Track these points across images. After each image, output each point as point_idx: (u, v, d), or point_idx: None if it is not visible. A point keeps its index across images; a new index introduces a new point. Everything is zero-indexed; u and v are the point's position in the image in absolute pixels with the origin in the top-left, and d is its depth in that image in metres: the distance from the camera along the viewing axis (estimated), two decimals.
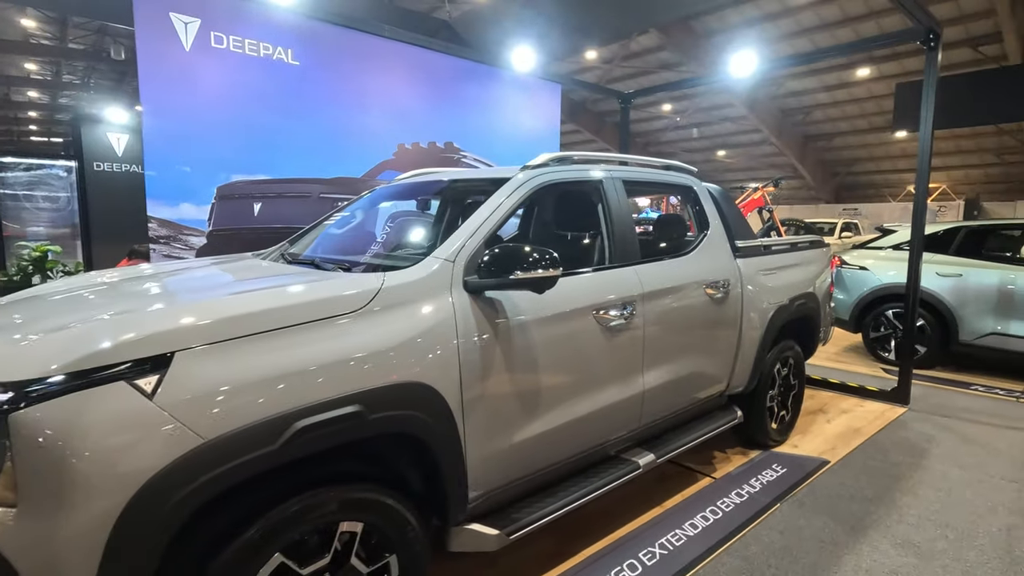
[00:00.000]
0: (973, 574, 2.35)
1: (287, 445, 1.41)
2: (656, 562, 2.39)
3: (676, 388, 2.78)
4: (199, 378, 1.34)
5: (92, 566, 1.20)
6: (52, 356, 1.25)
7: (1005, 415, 4.34)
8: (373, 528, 1.65)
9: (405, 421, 1.67)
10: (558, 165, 2.47)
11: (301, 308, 1.56)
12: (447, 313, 1.83)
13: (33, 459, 1.17)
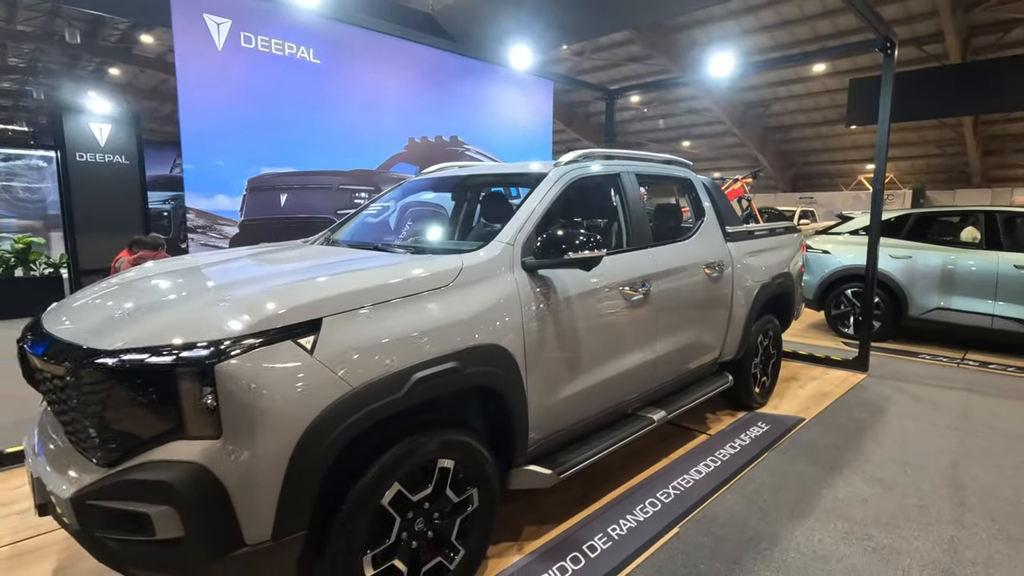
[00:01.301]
0: (927, 498, 2.87)
1: (408, 393, 1.75)
2: (671, 500, 2.82)
3: (681, 355, 3.21)
4: (343, 338, 1.66)
5: (276, 485, 1.52)
6: (238, 320, 1.55)
7: (948, 378, 4.99)
8: (461, 465, 1.99)
9: (488, 376, 2.02)
10: (585, 161, 2.84)
11: (409, 283, 1.89)
12: (512, 288, 2.18)
13: (232, 402, 1.48)
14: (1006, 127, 18.68)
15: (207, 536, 1.47)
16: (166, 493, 1.44)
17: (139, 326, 1.60)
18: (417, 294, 1.89)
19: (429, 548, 1.94)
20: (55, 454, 1.75)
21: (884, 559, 2.36)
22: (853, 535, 2.54)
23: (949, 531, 2.58)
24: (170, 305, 1.74)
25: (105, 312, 1.80)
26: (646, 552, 2.38)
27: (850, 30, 14.76)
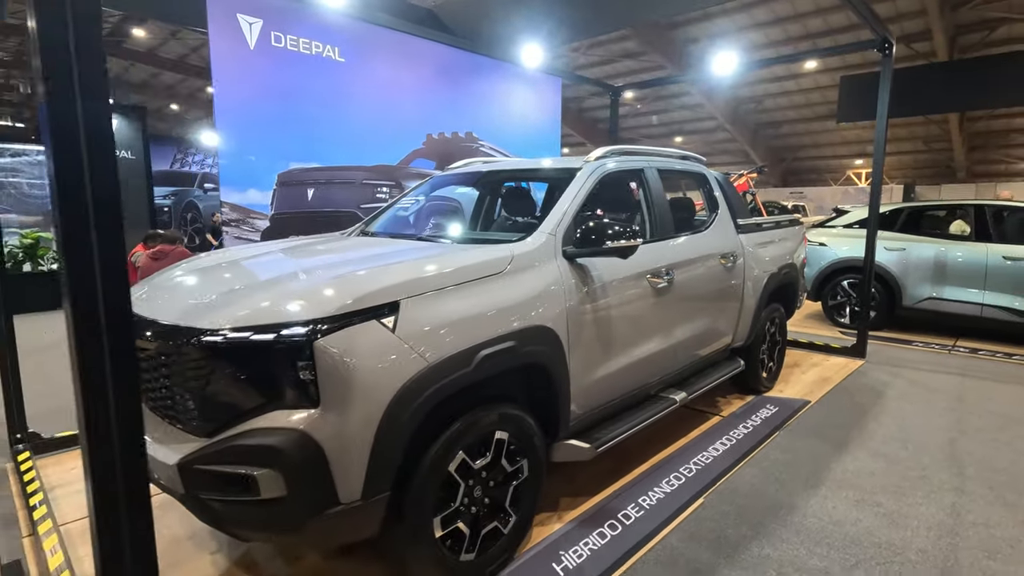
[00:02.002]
0: (928, 470, 3.10)
1: (476, 369, 1.92)
2: (694, 474, 3.01)
3: (699, 340, 3.41)
4: (420, 319, 1.82)
5: (367, 449, 1.68)
6: (331, 301, 1.71)
7: (941, 363, 5.25)
8: (514, 437, 2.17)
9: (539, 354, 2.19)
10: (613, 157, 3.02)
11: (470, 269, 2.06)
12: (556, 274, 2.35)
13: (328, 374, 1.64)
14: (990, 123, 19.14)
15: (307, 495, 1.63)
16: (272, 457, 1.60)
17: (238, 307, 1.75)
18: (478, 279, 2.06)
19: (486, 513, 2.12)
20: (153, 426, 1.90)
21: (894, 522, 2.58)
22: (864, 502, 2.75)
23: (951, 498, 2.81)
24: (262, 288, 1.89)
25: (193, 296, 1.95)
26: (677, 519, 2.58)
27: (841, 28, 15.05)
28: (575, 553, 2.31)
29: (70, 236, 0.92)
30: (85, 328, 0.95)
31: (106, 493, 0.98)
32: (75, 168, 0.91)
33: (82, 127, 0.91)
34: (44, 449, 3.12)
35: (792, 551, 2.36)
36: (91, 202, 0.93)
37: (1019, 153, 20.49)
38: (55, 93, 0.89)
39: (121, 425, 0.98)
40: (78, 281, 0.94)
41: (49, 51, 0.88)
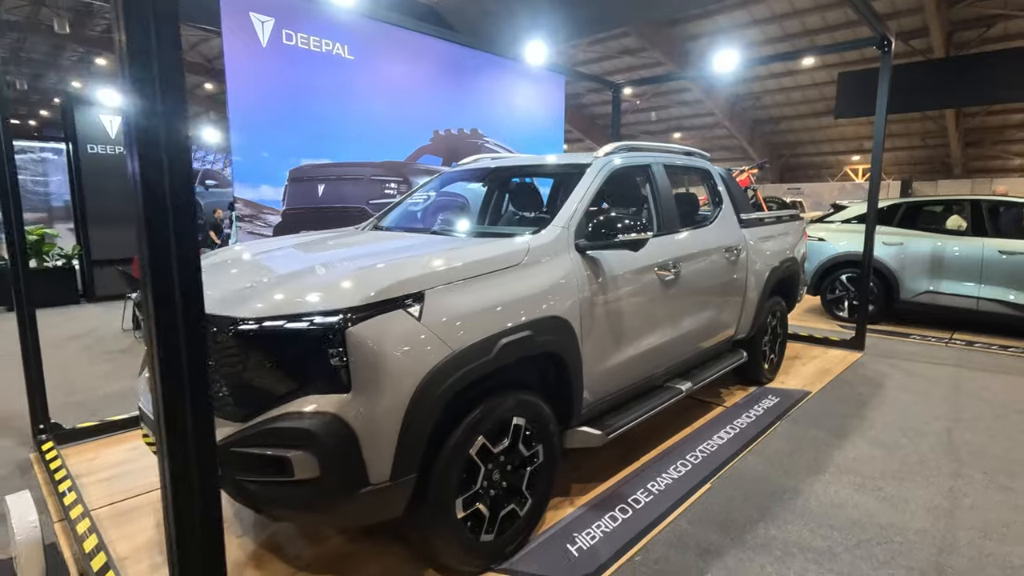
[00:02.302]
0: (926, 457, 3.20)
1: (495, 357, 2.00)
2: (700, 461, 3.11)
3: (704, 331, 3.50)
4: (443, 308, 1.90)
5: (395, 432, 1.76)
6: (361, 292, 1.78)
7: (937, 355, 5.35)
8: (530, 424, 2.25)
9: (554, 343, 2.27)
10: (622, 153, 3.10)
11: (489, 261, 2.14)
12: (570, 266, 2.43)
13: (360, 360, 1.72)
14: (986, 120, 19.26)
15: (340, 476, 1.71)
16: (306, 439, 1.68)
17: (273, 297, 1.82)
18: (496, 271, 2.14)
19: (504, 496, 2.20)
20: None
21: (894, 505, 2.68)
22: (865, 487, 2.85)
23: (948, 482, 2.91)
24: (293, 279, 1.96)
25: (225, 285, 2.02)
26: (685, 503, 2.67)
27: (838, 24, 15.13)
28: (588, 535, 2.40)
29: (152, 235, 1.00)
30: (163, 317, 1.02)
31: (182, 478, 1.05)
32: (156, 174, 0.99)
33: (163, 139, 0.99)
34: (67, 439, 3.19)
35: (797, 532, 2.45)
36: (171, 207, 1.01)
37: (1015, 149, 20.63)
38: (141, 105, 0.97)
39: (196, 414, 1.06)
40: (158, 275, 1.01)
41: (136, 67, 0.96)
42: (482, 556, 2.13)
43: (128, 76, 0.97)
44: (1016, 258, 5.75)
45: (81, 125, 7.88)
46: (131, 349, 5.58)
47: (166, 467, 1.04)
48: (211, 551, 1.10)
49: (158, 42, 0.97)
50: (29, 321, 3.03)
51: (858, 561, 2.25)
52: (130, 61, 0.96)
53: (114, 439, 3.33)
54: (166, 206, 1.02)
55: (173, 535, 1.06)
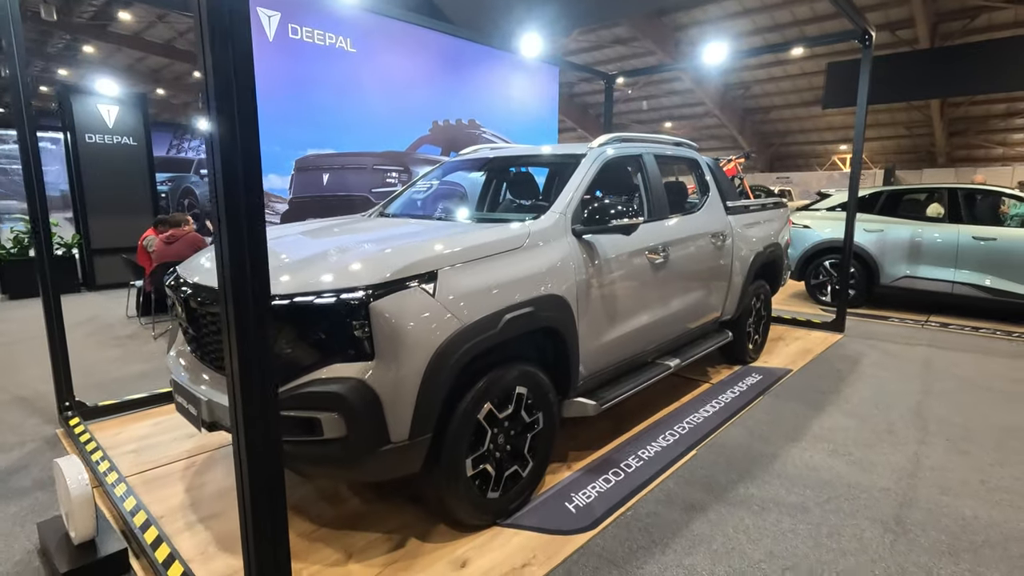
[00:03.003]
0: (895, 426, 3.46)
1: (501, 330, 2.20)
2: (687, 432, 3.35)
3: (692, 312, 3.72)
4: (454, 286, 2.10)
5: (414, 396, 1.97)
6: (381, 270, 1.98)
7: (913, 337, 5.63)
8: (531, 393, 2.46)
9: (553, 319, 2.48)
10: (615, 144, 3.30)
11: (494, 244, 2.34)
12: (567, 249, 2.64)
13: (382, 331, 1.92)
14: (969, 110, 19.60)
15: (364, 435, 1.92)
16: (335, 402, 1.88)
17: (302, 275, 2.01)
18: (501, 253, 2.34)
19: (508, 458, 2.42)
20: (217, 382, 2.17)
21: (863, 468, 2.93)
22: (837, 452, 3.10)
23: (913, 448, 3.17)
24: (318, 259, 2.15)
25: None
26: (672, 467, 2.91)
27: (827, 15, 15.32)
28: (584, 495, 2.63)
29: (231, 231, 1.18)
30: (239, 305, 1.21)
31: (257, 451, 1.25)
32: (233, 178, 1.17)
33: (239, 146, 1.18)
34: (91, 416, 3.37)
35: (773, 491, 2.70)
36: (244, 206, 1.19)
37: (997, 139, 21.02)
38: (221, 121, 1.16)
39: (264, 382, 1.25)
40: (236, 269, 1.20)
41: (219, 89, 1.14)
42: (489, 512, 2.35)
43: (213, 109, 1.16)
44: (989, 244, 6.03)
45: (79, 115, 7.93)
46: (137, 335, 5.73)
47: (240, 428, 1.24)
48: (275, 498, 1.30)
49: (236, 80, 1.16)
50: (55, 304, 3.19)
51: (827, 514, 2.50)
52: (216, 101, 1.14)
53: (136, 416, 3.52)
54: (240, 208, 1.20)
55: (246, 483, 1.26)
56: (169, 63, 22.16)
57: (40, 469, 2.89)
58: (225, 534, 2.31)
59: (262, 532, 1.30)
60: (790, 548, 2.26)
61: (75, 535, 2.04)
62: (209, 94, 1.17)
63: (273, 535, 1.32)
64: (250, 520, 1.29)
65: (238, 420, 1.24)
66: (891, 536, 2.34)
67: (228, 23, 1.15)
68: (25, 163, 3.08)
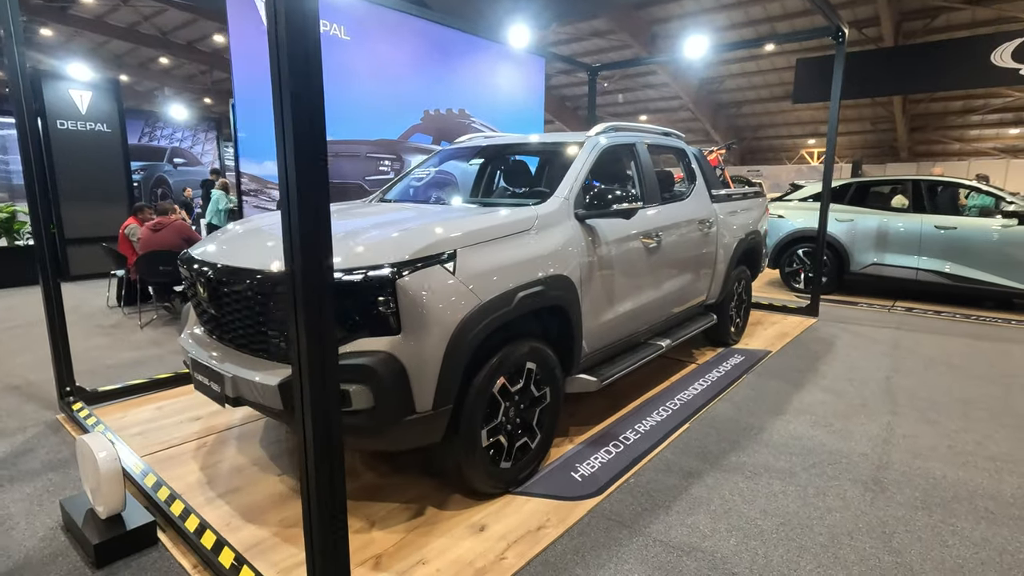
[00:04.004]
0: (868, 400, 3.71)
1: (515, 307, 2.32)
2: (678, 407, 3.53)
3: (681, 295, 3.90)
4: (472, 265, 2.21)
5: (437, 368, 2.07)
6: (406, 249, 2.07)
7: (881, 320, 5.96)
8: (539, 368, 2.59)
9: (560, 298, 2.61)
10: (611, 132, 3.43)
11: (506, 226, 2.45)
12: (571, 232, 2.77)
13: (407, 307, 2.01)
14: (930, 106, 20.41)
15: (391, 406, 2.02)
16: (364, 374, 1.97)
17: None
18: (513, 235, 2.46)
19: (519, 430, 2.55)
20: (238, 359, 2.24)
21: (841, 436, 3.15)
22: (818, 423, 3.32)
23: (886, 419, 3.41)
24: (343, 240, 2.22)
25: (277, 248, 2.27)
26: (668, 439, 3.08)
27: (797, 12, 15.73)
28: (588, 465, 2.78)
29: (303, 223, 1.27)
30: (308, 281, 1.30)
31: (322, 431, 1.34)
32: (305, 159, 1.26)
33: (311, 128, 1.27)
34: (92, 401, 3.37)
35: (762, 458, 2.89)
36: (314, 186, 1.28)
37: (954, 134, 21.95)
38: (299, 114, 1.24)
39: (327, 357, 1.34)
40: (307, 246, 1.28)
41: (295, 68, 1.23)
42: (502, 480, 2.48)
43: (284, 115, 1.24)
44: (949, 232, 6.40)
45: (50, 100, 7.70)
46: (122, 324, 5.65)
47: (306, 402, 1.33)
48: (333, 464, 1.40)
49: (308, 65, 1.25)
50: (55, 290, 3.17)
51: (813, 477, 2.70)
52: (293, 104, 1.23)
53: (137, 400, 3.53)
54: (312, 201, 1.29)
55: (311, 451, 1.35)
56: (133, 48, 21.44)
57: (47, 452, 2.89)
58: (246, 507, 2.38)
59: (323, 498, 1.40)
60: (782, 507, 2.45)
61: (103, 509, 2.09)
62: (282, 79, 1.24)
63: (332, 500, 1.42)
64: (313, 488, 1.38)
65: (304, 392, 1.34)
66: (871, 494, 2.55)
67: (302, 17, 1.23)
68: (24, 152, 3.05)
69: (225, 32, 15.70)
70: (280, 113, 1.29)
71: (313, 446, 1.36)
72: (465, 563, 2.04)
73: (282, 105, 1.27)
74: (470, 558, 2.07)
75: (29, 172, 3.08)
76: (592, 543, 2.19)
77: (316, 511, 1.40)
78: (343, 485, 1.43)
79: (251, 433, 3.11)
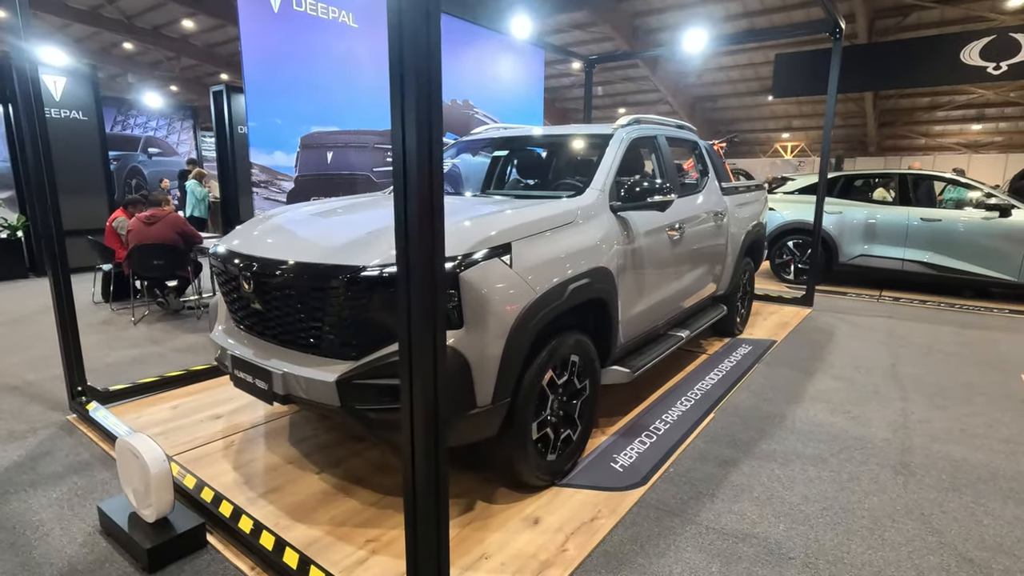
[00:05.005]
0: (879, 387, 3.83)
1: (566, 300, 2.32)
2: (700, 397, 3.58)
3: (697, 286, 3.95)
4: (527, 258, 2.19)
5: (497, 362, 2.05)
6: (466, 241, 2.04)
7: (872, 309, 6.16)
8: (582, 360, 2.59)
9: (602, 290, 2.61)
10: (635, 125, 3.44)
11: (553, 219, 2.44)
12: (609, 225, 2.77)
13: (470, 299, 1.98)
14: (899, 102, 21.08)
15: (454, 400, 1.99)
16: None
17: (381, 248, 2.04)
18: (560, 227, 2.45)
19: (562, 422, 2.55)
20: (286, 355, 2.18)
21: (861, 423, 3.25)
22: (836, 411, 3.42)
23: (899, 405, 3.53)
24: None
25: (321, 240, 2.21)
26: (697, 429, 3.13)
27: (775, 7, 16.01)
28: (625, 455, 2.81)
29: (421, 213, 1.24)
30: (425, 274, 1.27)
31: (429, 425, 1.32)
32: (424, 153, 1.22)
33: (430, 122, 1.23)
34: (104, 401, 3.24)
35: (791, 445, 2.96)
36: (429, 179, 1.25)
37: (921, 130, 22.74)
38: (417, 105, 1.20)
39: (437, 347, 1.32)
40: (423, 239, 1.25)
41: (413, 61, 1.19)
42: (548, 473, 2.48)
43: (404, 100, 1.21)
44: (934, 224, 6.64)
45: None
46: (113, 321, 5.44)
47: (412, 394, 1.31)
48: (436, 459, 1.38)
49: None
50: (65, 286, 3.03)
51: (844, 463, 2.78)
52: (416, 105, 1.20)
53: (150, 400, 3.40)
54: (431, 192, 1.26)
55: (417, 446, 1.33)
56: (95, 32, 20.55)
57: (66, 454, 2.77)
58: (292, 506, 2.32)
59: (428, 499, 1.38)
60: (820, 492, 2.52)
61: (150, 512, 2.02)
62: (404, 71, 1.21)
63: (436, 504, 1.40)
64: (421, 488, 1.36)
65: (413, 387, 1.31)
66: (902, 478, 2.64)
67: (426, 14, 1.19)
68: (15, 142, 2.90)
69: (194, 17, 15.10)
70: (400, 97, 1.24)
71: (423, 445, 1.33)
72: (528, 556, 2.04)
73: (403, 88, 1.23)
74: (532, 551, 2.07)
75: (26, 162, 2.93)
76: (647, 532, 2.21)
77: (421, 513, 1.38)
78: (447, 486, 1.41)
79: (278, 430, 3.03)
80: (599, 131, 3.35)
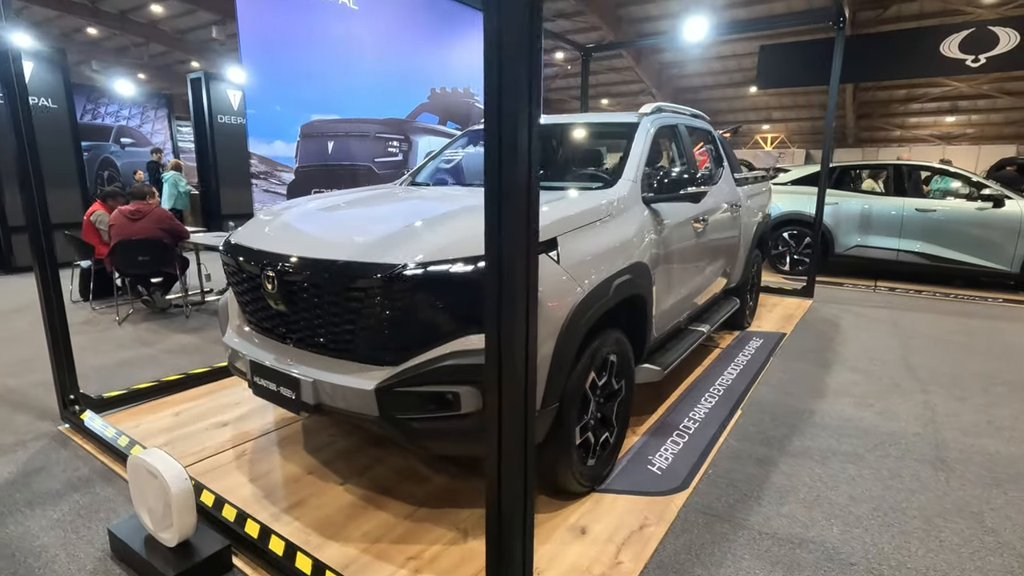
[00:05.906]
0: (897, 379, 3.81)
1: (611, 297, 2.19)
2: (723, 393, 3.51)
3: (714, 279, 3.87)
4: (572, 253, 2.05)
5: (546, 366, 1.91)
6: None
7: (870, 300, 6.19)
8: (618, 360, 2.47)
9: (640, 286, 2.49)
10: (658, 114, 3.31)
11: (593, 211, 2.30)
12: (643, 217, 2.65)
13: None
14: (876, 94, 21.44)
15: None
16: (475, 375, 1.79)
17: (422, 244, 1.88)
18: (599, 220, 2.31)
19: (601, 425, 2.43)
20: (315, 361, 2.01)
21: (888, 417, 3.21)
22: (861, 405, 3.38)
23: (921, 397, 3.51)
24: (432, 227, 2.01)
25: (351, 235, 2.04)
26: (727, 427, 3.05)
27: (812, 10, 16.04)
28: (660, 457, 2.71)
29: (512, 204, 1.09)
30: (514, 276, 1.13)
31: (513, 403, 1.19)
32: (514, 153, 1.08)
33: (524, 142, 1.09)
34: (99, 409, 3.01)
35: (824, 442, 2.90)
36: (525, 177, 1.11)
37: (896, 122, 23.19)
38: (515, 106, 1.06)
39: (528, 344, 1.19)
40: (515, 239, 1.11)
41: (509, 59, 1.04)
42: (589, 478, 2.36)
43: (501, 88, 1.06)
44: (928, 215, 6.70)
45: None
46: (95, 321, 5.15)
47: (499, 393, 1.17)
48: (524, 461, 1.25)
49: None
50: (54, 286, 2.80)
51: (881, 459, 2.73)
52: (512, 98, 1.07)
53: (149, 406, 3.19)
54: (516, 178, 1.11)
55: (506, 458, 1.19)
56: (58, 15, 19.58)
57: (63, 469, 2.55)
58: (320, 522, 2.16)
59: (512, 504, 1.25)
60: (866, 491, 2.45)
61: (170, 536, 1.84)
62: (502, 72, 1.06)
63: (524, 516, 1.27)
64: (504, 495, 1.24)
65: (502, 396, 1.18)
66: (943, 474, 2.60)
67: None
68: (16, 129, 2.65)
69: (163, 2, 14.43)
70: (496, 85, 1.09)
71: (514, 452, 1.20)
72: (582, 570, 1.92)
73: (500, 74, 1.08)
74: (585, 564, 1.95)
75: (23, 152, 2.68)
76: (700, 540, 2.11)
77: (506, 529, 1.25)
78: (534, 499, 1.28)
79: (292, 437, 2.86)
80: (624, 119, 3.22)
